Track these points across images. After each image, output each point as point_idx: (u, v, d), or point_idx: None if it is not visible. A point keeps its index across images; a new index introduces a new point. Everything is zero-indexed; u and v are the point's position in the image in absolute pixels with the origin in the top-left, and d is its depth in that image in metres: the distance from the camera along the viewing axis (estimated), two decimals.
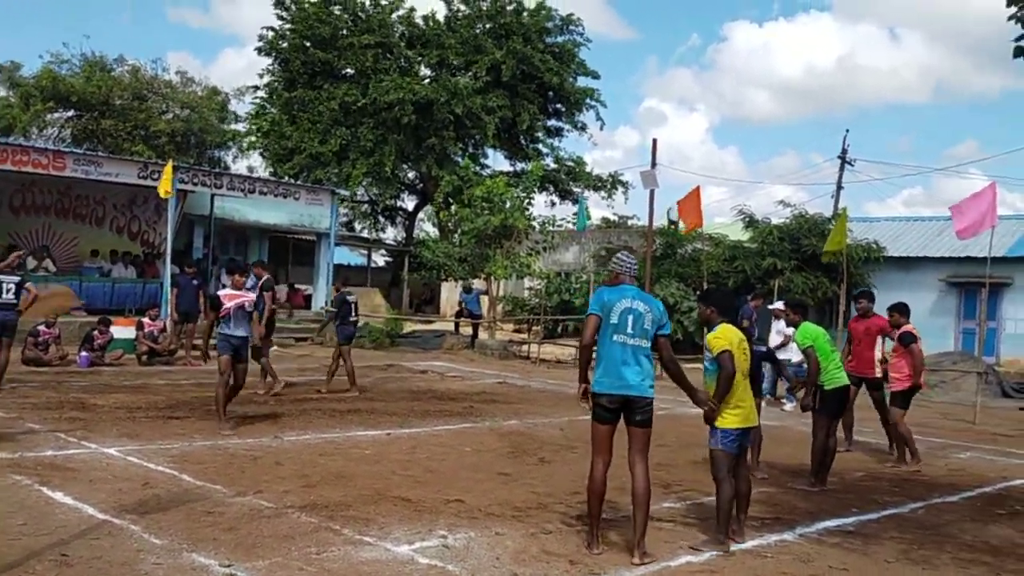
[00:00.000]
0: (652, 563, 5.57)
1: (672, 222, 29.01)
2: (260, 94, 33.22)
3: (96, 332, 14.96)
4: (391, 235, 41.37)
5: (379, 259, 38.62)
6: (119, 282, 20.76)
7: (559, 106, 33.94)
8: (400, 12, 31.96)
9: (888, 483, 8.78)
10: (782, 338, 14.28)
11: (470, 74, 30.92)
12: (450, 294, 32.39)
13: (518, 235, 23.97)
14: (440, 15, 32.55)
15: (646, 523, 5.72)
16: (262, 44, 31.54)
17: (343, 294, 13.52)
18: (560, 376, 18.15)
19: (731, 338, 6.15)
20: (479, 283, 25.73)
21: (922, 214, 37.98)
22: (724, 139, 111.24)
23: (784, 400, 14.37)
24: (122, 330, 15.64)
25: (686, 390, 6.03)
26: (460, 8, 32.46)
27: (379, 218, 39.52)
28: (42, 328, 14.37)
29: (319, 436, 9.52)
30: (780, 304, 15.33)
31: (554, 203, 34.46)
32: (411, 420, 10.98)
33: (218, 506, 6.38)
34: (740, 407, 6.15)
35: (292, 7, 31.11)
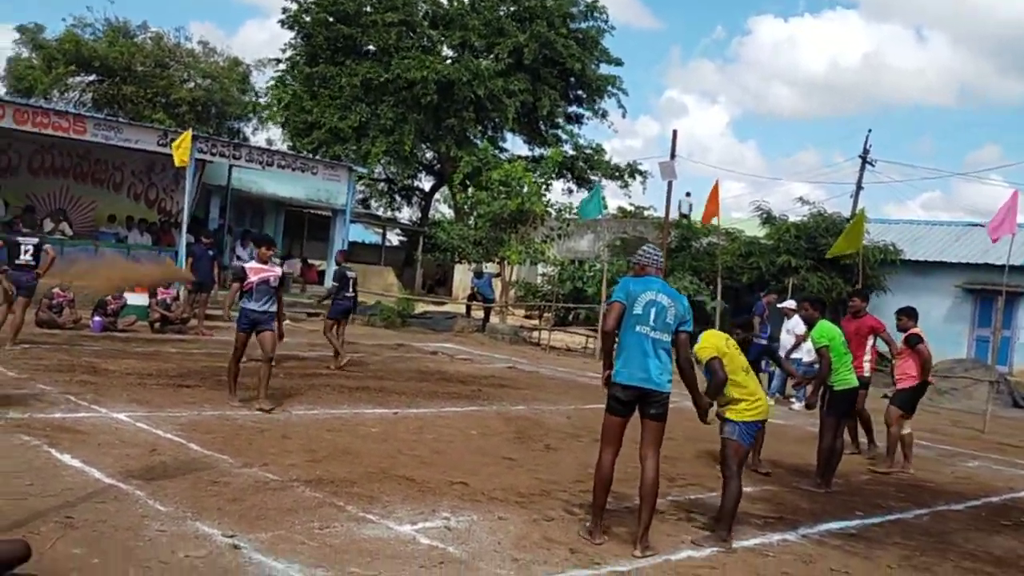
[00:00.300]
0: (653, 556, 5.57)
1: (684, 215, 28.89)
2: (281, 67, 33.21)
3: (110, 297, 15.05)
4: (407, 215, 41.36)
5: (393, 238, 38.64)
6: (134, 248, 20.83)
7: (580, 92, 33.74)
8: None
9: (894, 488, 8.75)
10: (793, 338, 14.20)
11: (492, 56, 30.77)
12: (463, 276, 32.36)
13: (534, 220, 23.92)
14: None
15: (651, 517, 5.72)
16: (285, 17, 31.41)
17: (343, 268, 13.54)
18: (569, 364, 18.14)
19: (715, 343, 6.19)
20: (491, 267, 25.72)
21: (940, 218, 37.81)
22: (744, 133, 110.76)
23: (793, 399, 14.33)
24: (136, 297, 15.71)
25: (692, 392, 5.97)
26: None
27: (395, 197, 39.51)
28: (56, 291, 14.43)
29: (327, 412, 9.55)
30: (791, 303, 15.23)
31: (571, 190, 34.27)
32: (419, 400, 11.00)
33: (224, 476, 6.40)
34: (758, 400, 6.22)
35: None
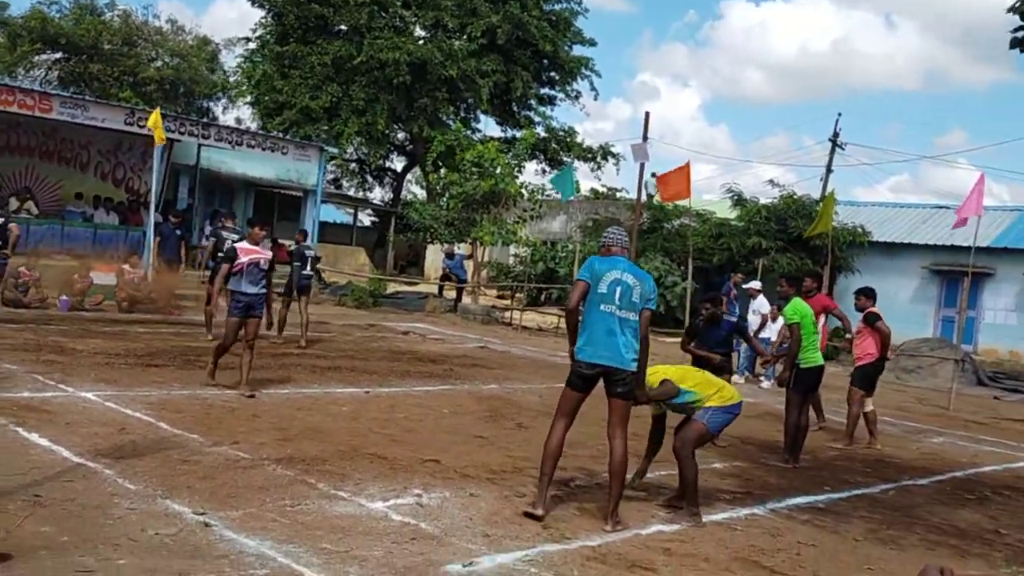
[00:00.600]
0: (624, 531, 5.63)
1: (650, 195, 28.93)
2: (251, 46, 32.79)
3: (75, 276, 14.87)
4: (378, 195, 41.18)
5: (365, 219, 38.42)
6: (101, 228, 20.56)
7: (553, 74, 33.64)
8: None
9: (861, 464, 8.89)
10: (759, 318, 14.40)
11: (465, 36, 30.56)
12: (435, 257, 32.30)
13: (506, 201, 23.89)
14: None
15: (621, 493, 5.77)
16: None
17: (301, 247, 13.75)
18: (541, 343, 18.19)
19: (664, 370, 6.39)
20: (463, 248, 25.65)
21: (908, 201, 38.23)
22: (716, 116, 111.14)
23: (762, 377, 14.49)
24: (103, 276, 15.55)
25: (639, 371, 5.86)
26: None
27: (367, 178, 39.25)
28: (23, 270, 14.23)
29: (298, 391, 9.51)
30: (756, 283, 15.45)
31: (544, 171, 34.20)
32: (390, 380, 10.99)
33: (194, 455, 6.37)
34: (723, 390, 6.37)
35: None
